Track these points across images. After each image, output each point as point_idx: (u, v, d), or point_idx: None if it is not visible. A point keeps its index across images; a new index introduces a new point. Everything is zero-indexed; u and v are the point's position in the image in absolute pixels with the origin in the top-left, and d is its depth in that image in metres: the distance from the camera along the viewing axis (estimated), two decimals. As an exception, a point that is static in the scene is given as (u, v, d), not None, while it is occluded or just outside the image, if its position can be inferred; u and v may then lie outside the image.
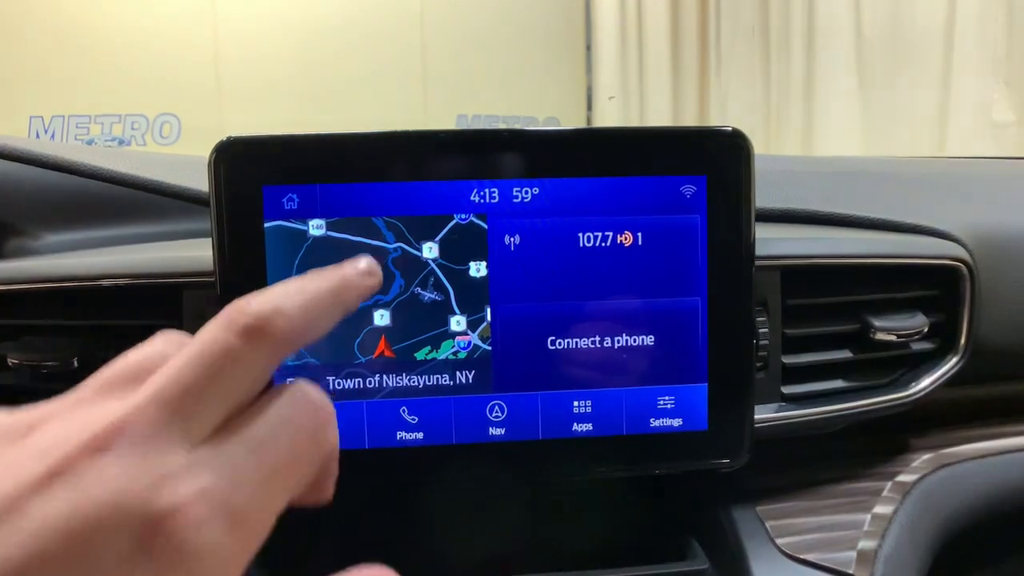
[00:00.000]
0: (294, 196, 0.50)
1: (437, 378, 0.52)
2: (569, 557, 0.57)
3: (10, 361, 0.54)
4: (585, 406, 0.53)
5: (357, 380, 0.51)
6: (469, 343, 0.52)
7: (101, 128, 3.12)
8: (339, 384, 0.51)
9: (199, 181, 0.68)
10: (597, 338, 0.52)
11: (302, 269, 0.50)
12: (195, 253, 0.56)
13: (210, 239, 0.50)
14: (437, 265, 0.51)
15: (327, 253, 0.50)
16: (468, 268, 0.51)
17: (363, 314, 0.51)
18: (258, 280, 0.50)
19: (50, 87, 3.04)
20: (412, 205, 0.50)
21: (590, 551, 0.59)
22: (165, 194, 0.67)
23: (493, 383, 0.52)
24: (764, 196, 0.60)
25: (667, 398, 0.53)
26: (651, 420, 0.53)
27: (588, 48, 3.63)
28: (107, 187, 0.67)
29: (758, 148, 0.53)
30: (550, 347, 0.52)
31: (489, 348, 0.52)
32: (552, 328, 0.52)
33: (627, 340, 0.53)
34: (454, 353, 0.52)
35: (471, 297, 0.51)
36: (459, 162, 0.51)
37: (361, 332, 0.51)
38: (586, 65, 3.61)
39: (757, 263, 0.53)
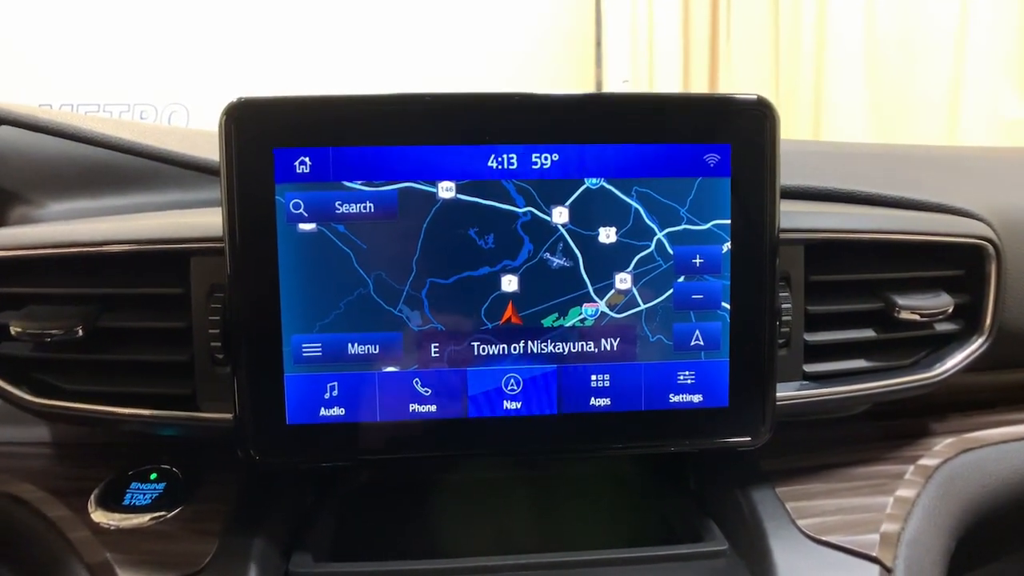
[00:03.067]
0: (306, 159, 0.48)
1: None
2: (587, 537, 0.56)
3: (13, 330, 0.53)
4: (603, 380, 0.51)
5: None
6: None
7: (110, 117, 3.11)
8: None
9: (207, 151, 0.66)
10: (616, 310, 0.51)
11: (310, 235, 0.49)
12: (204, 219, 0.54)
13: (219, 208, 0.49)
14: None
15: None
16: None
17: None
18: (269, 245, 0.48)
19: (58, 76, 3.03)
20: (427, 170, 0.49)
21: (608, 531, 0.58)
22: (172, 163, 0.65)
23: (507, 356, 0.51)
24: (785, 174, 0.58)
25: (687, 373, 0.52)
26: (670, 395, 0.52)
27: (598, 44, 3.61)
28: (113, 155, 0.65)
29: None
30: (568, 318, 0.51)
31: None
32: None
33: (647, 312, 0.51)
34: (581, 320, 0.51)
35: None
36: (476, 126, 0.49)
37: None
38: (596, 60, 3.59)
39: (780, 236, 0.52)
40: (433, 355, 0.50)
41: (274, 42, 3.22)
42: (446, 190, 0.49)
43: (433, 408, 0.51)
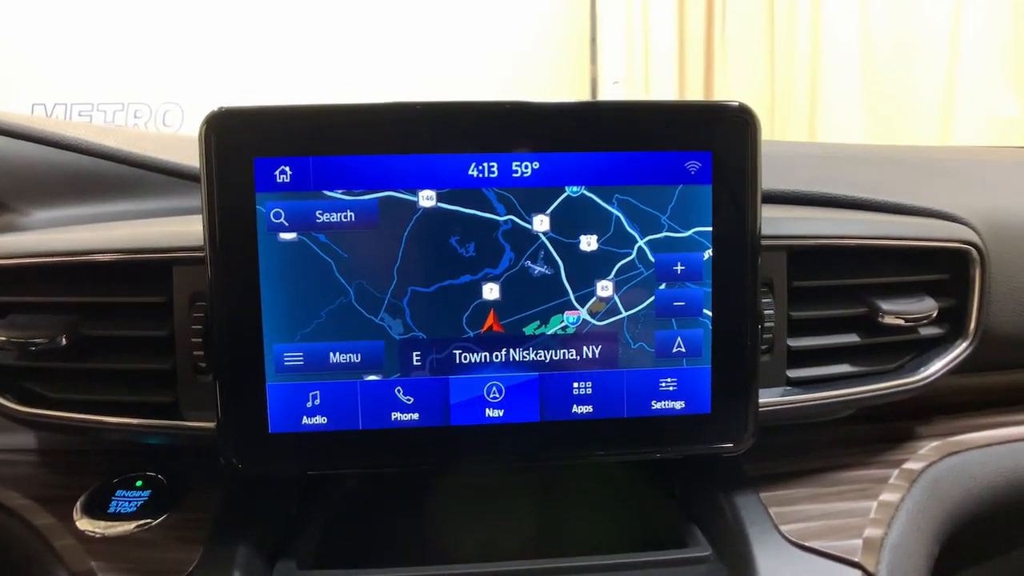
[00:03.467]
0: (287, 168, 0.48)
1: None
2: (569, 543, 0.56)
3: (-4, 339, 0.53)
4: (585, 387, 0.52)
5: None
6: None
7: (104, 116, 3.10)
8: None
9: (191, 158, 0.66)
10: (598, 317, 0.51)
11: (291, 245, 0.49)
12: (186, 228, 0.54)
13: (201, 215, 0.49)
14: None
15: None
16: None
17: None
18: (249, 255, 0.48)
19: (53, 74, 3.03)
20: (407, 178, 0.49)
21: (590, 537, 0.58)
22: (156, 170, 0.65)
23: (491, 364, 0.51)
24: (770, 179, 0.59)
25: (669, 380, 0.52)
26: (653, 402, 0.52)
27: (593, 40, 3.60)
28: (97, 163, 0.66)
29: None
30: (549, 326, 0.51)
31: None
32: None
33: (628, 320, 0.51)
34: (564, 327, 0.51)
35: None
36: (457, 135, 0.49)
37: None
38: (591, 57, 3.58)
39: (763, 243, 0.52)
40: (415, 363, 0.50)
41: (269, 41, 3.21)
42: (427, 199, 0.49)
43: (415, 416, 0.51)
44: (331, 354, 0.50)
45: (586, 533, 0.59)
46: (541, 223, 0.50)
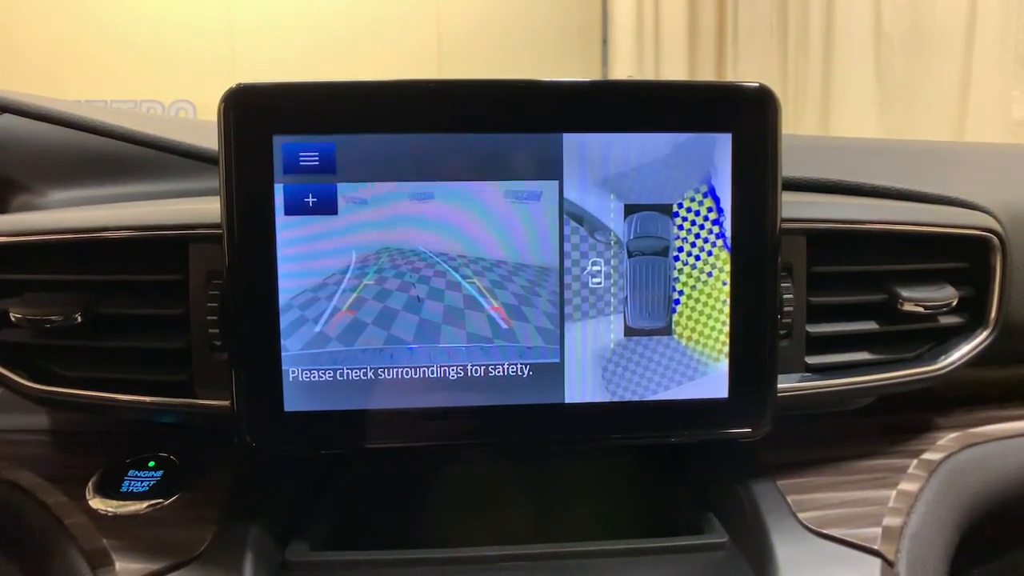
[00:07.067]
0: (307, 147, 0.48)
1: None
2: (586, 529, 0.55)
3: (13, 316, 0.53)
4: (603, 369, 0.51)
5: None
6: None
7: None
8: None
9: (207, 139, 0.66)
10: (616, 298, 0.51)
11: (309, 224, 0.48)
12: (202, 206, 0.54)
13: (218, 195, 0.48)
14: None
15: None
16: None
17: None
18: (267, 235, 0.48)
19: (65, 72, 3.05)
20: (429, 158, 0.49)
21: (607, 523, 0.57)
22: (173, 151, 0.65)
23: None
24: (788, 167, 0.58)
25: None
26: (671, 386, 0.52)
27: (604, 42, 3.61)
28: (114, 144, 0.66)
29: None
30: (567, 307, 0.51)
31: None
32: None
33: (647, 301, 0.51)
34: None
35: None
36: (480, 114, 0.49)
37: None
38: (602, 59, 3.59)
39: (783, 226, 0.52)
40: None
41: (281, 39, 3.23)
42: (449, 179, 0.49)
43: (434, 397, 0.50)
44: None
45: (601, 520, 0.59)
46: None
